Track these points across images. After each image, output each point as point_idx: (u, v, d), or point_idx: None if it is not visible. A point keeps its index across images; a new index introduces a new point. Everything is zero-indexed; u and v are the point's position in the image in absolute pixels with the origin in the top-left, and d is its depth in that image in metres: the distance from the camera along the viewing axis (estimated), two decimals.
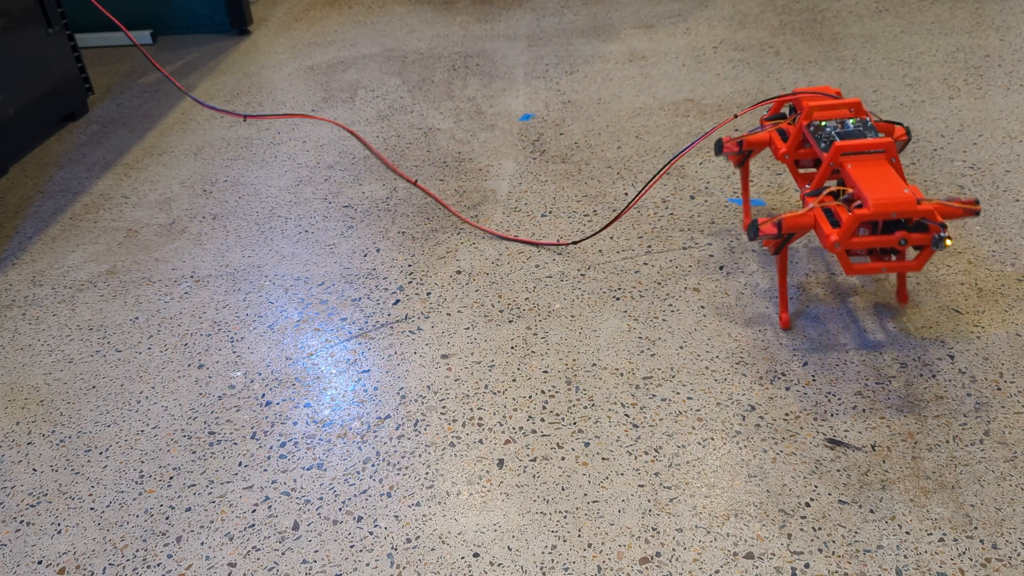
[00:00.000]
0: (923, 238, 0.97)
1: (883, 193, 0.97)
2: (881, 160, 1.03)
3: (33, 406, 1.14)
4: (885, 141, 1.04)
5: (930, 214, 0.96)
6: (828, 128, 1.10)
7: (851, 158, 1.05)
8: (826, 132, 1.10)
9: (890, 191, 0.97)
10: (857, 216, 0.96)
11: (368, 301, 1.30)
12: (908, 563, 0.83)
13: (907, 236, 0.97)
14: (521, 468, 0.97)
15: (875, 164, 1.03)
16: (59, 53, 1.98)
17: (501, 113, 1.91)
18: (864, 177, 1.00)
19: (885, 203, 0.96)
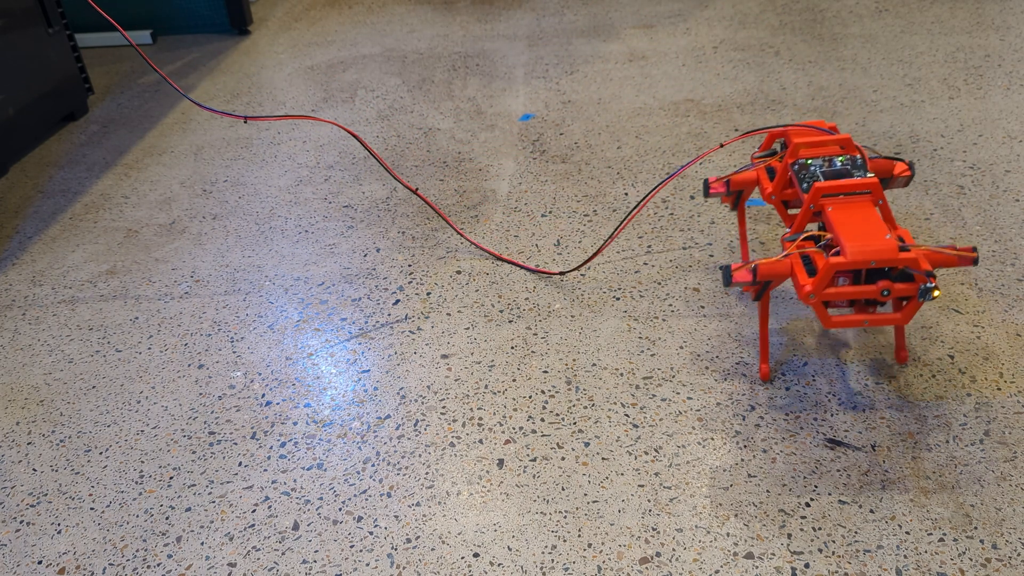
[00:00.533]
0: (908, 288, 0.88)
1: (862, 239, 0.88)
2: (865, 202, 0.95)
3: (33, 406, 1.14)
4: (870, 182, 0.95)
5: (914, 262, 0.87)
6: (813, 167, 1.01)
7: (832, 200, 0.96)
8: (811, 171, 1.01)
9: (870, 237, 0.89)
10: (832, 265, 0.88)
11: (368, 301, 1.30)
12: (908, 563, 0.83)
13: (890, 286, 0.88)
14: (521, 468, 0.97)
15: (858, 207, 0.94)
16: (59, 53, 1.98)
17: (501, 113, 1.91)
18: (843, 221, 0.92)
19: (863, 251, 0.87)
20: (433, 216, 1.51)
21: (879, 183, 0.95)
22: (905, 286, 0.88)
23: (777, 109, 1.81)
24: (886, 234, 0.89)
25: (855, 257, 0.88)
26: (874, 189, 0.95)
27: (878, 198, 0.95)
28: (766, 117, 1.77)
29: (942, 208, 1.40)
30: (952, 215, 1.38)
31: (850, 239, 0.89)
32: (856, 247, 0.88)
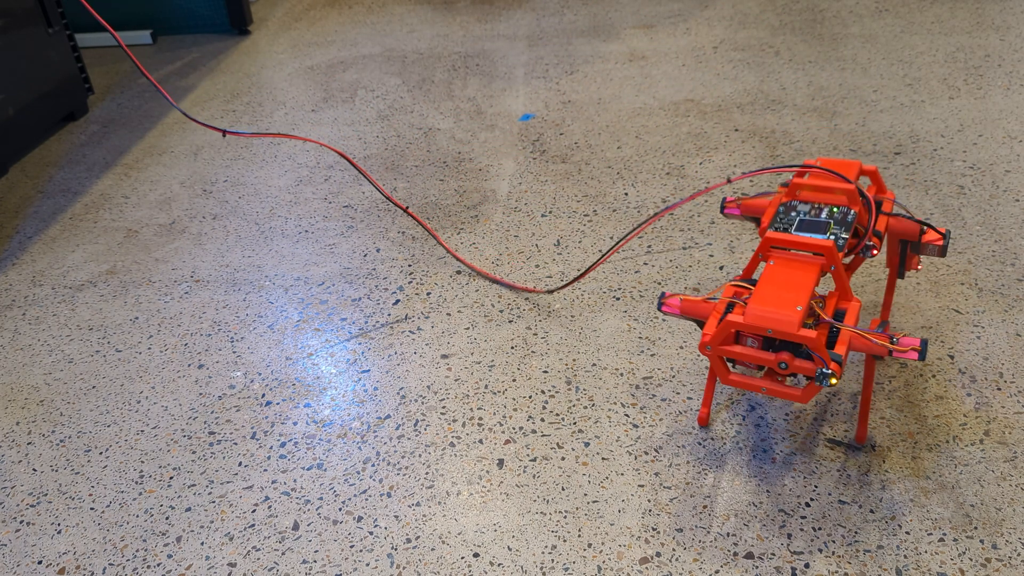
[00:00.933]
0: (807, 368, 0.82)
1: (769, 305, 0.82)
2: (811, 265, 0.87)
3: (33, 406, 1.14)
4: (824, 245, 0.87)
5: (812, 342, 0.80)
6: (796, 213, 0.95)
7: (780, 254, 0.90)
8: (790, 217, 0.95)
9: (780, 304, 0.82)
10: (728, 323, 0.84)
11: (368, 301, 1.30)
12: (908, 563, 0.83)
13: (789, 361, 0.82)
14: (521, 468, 0.97)
15: (799, 268, 0.87)
16: (59, 53, 1.98)
17: (501, 113, 1.91)
18: (771, 280, 0.86)
19: (762, 317, 0.82)
20: (433, 216, 1.51)
21: (834, 248, 0.87)
22: (805, 364, 0.82)
23: (777, 109, 1.81)
24: (798, 305, 0.82)
25: (751, 321, 0.83)
26: (828, 254, 0.87)
27: (830, 264, 0.87)
28: (766, 117, 1.77)
29: (942, 208, 1.40)
30: (952, 215, 1.38)
31: (759, 301, 0.83)
32: (757, 311, 0.82)
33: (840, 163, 1.00)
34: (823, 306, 0.86)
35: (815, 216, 0.94)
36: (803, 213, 0.95)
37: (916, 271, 1.14)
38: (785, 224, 0.94)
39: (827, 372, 0.80)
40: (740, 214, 1.06)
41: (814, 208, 0.95)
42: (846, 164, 0.99)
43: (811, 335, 0.80)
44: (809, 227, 0.93)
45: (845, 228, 0.92)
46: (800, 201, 0.97)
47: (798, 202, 0.97)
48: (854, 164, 0.99)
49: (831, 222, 0.93)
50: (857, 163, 0.99)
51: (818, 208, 0.95)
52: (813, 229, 0.92)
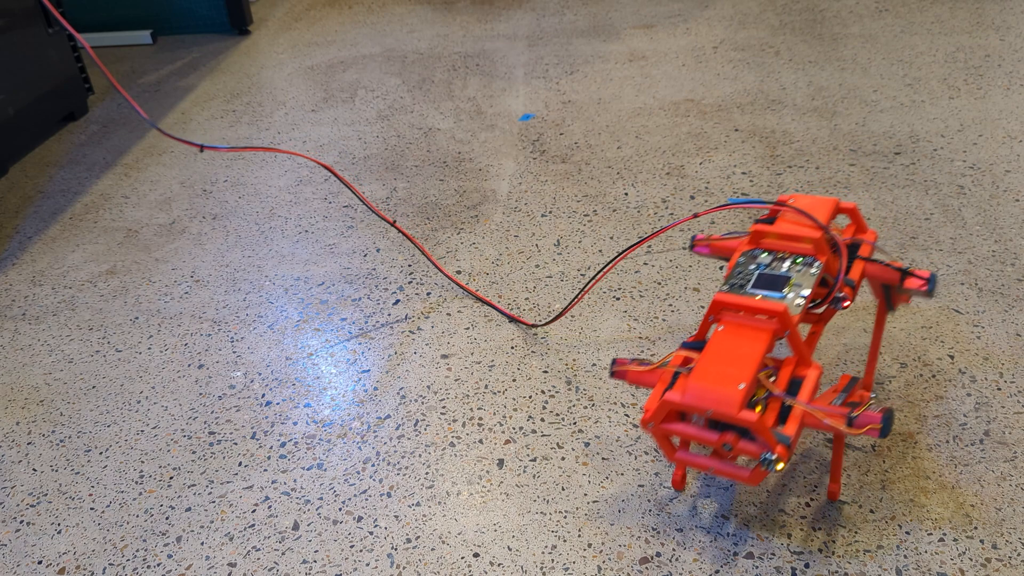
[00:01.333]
0: (751, 451, 0.74)
1: (711, 381, 0.74)
2: (762, 332, 0.78)
3: (33, 406, 1.14)
4: (776, 308, 0.78)
5: (756, 426, 0.72)
6: (756, 265, 0.86)
7: (731, 316, 0.81)
8: (748, 270, 0.86)
9: (722, 381, 0.74)
10: (665, 403, 0.76)
11: (368, 301, 1.30)
12: (908, 563, 0.83)
13: (734, 443, 0.75)
14: (521, 468, 0.97)
15: (748, 335, 0.78)
16: (59, 53, 1.98)
17: (501, 113, 1.91)
18: (715, 350, 0.78)
19: (701, 396, 0.74)
20: (433, 216, 1.51)
21: (786, 313, 0.77)
22: (749, 447, 0.74)
23: (777, 109, 1.81)
24: (741, 382, 0.73)
25: (689, 400, 0.75)
26: (780, 318, 0.78)
27: (784, 330, 0.78)
28: (766, 117, 1.77)
29: (942, 208, 1.40)
30: (952, 215, 1.38)
31: (700, 377, 0.75)
32: (697, 389, 0.75)
33: (815, 201, 0.90)
34: (775, 376, 0.77)
35: (775, 269, 0.85)
36: (763, 265, 0.86)
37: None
38: (742, 279, 0.85)
39: (770, 458, 0.72)
40: (710, 254, 0.99)
41: (776, 259, 0.86)
42: (821, 203, 0.90)
43: (752, 418, 0.72)
44: (767, 282, 0.83)
45: (807, 283, 0.82)
46: (762, 250, 0.88)
47: (760, 251, 0.88)
48: (829, 202, 0.90)
49: (791, 277, 0.83)
50: (833, 201, 0.91)
51: (780, 259, 0.86)
52: (771, 285, 0.83)
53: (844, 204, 0.92)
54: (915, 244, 1.31)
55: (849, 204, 0.92)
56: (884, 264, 0.88)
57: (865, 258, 0.88)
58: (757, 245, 0.89)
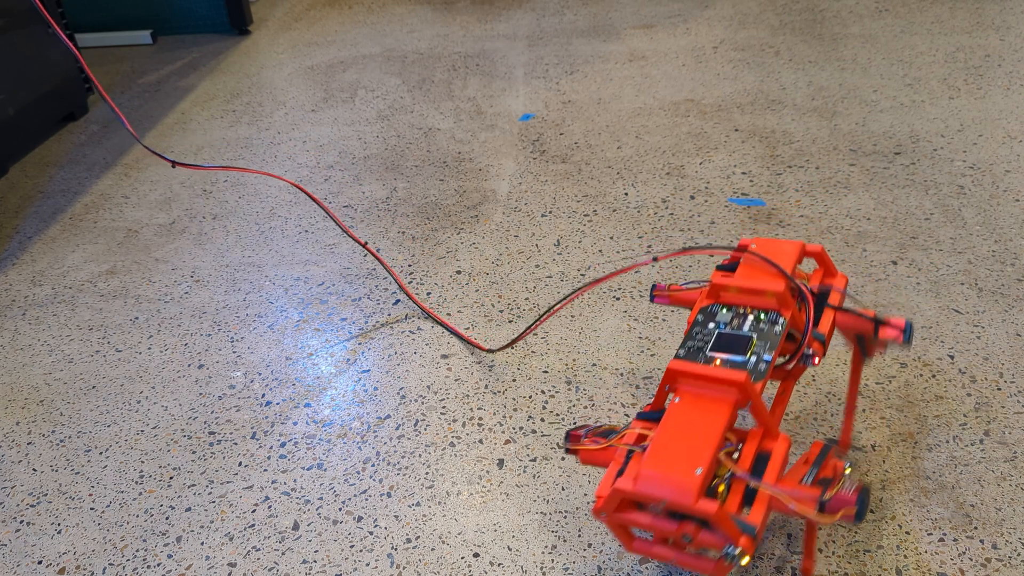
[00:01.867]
0: (713, 543, 0.66)
1: (662, 466, 0.66)
2: (721, 404, 0.70)
3: (33, 406, 1.14)
4: (735, 378, 0.69)
5: (716, 517, 0.64)
6: (715, 323, 0.79)
7: (688, 386, 0.72)
8: (707, 330, 0.78)
9: (677, 465, 0.66)
10: (616, 491, 0.68)
11: (368, 301, 1.30)
12: (908, 563, 0.83)
13: (694, 534, 0.67)
14: (521, 468, 0.97)
15: (707, 409, 0.70)
16: (59, 53, 1.98)
17: (501, 113, 1.91)
18: (670, 428, 0.69)
19: (652, 484, 0.66)
20: (433, 216, 1.51)
21: (747, 384, 0.69)
22: (710, 538, 0.66)
23: (777, 109, 1.81)
24: (698, 467, 0.65)
25: (641, 489, 0.66)
26: (741, 389, 0.69)
27: (746, 400, 0.70)
28: (766, 117, 1.77)
29: (942, 208, 1.40)
30: (952, 215, 1.38)
31: (653, 461, 0.67)
32: (650, 476, 0.66)
33: (778, 245, 0.83)
34: (739, 453, 0.69)
35: (736, 328, 0.78)
36: (723, 324, 0.79)
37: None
38: (700, 340, 0.77)
39: (732, 552, 0.64)
40: (671, 303, 0.91)
41: (737, 316, 0.79)
42: (785, 247, 0.83)
43: (711, 508, 0.64)
44: (728, 344, 0.76)
45: (772, 343, 0.75)
46: (722, 305, 0.81)
47: (719, 306, 0.81)
48: (794, 246, 0.83)
49: (753, 337, 0.76)
50: (798, 245, 0.83)
51: (742, 316, 0.79)
52: (732, 347, 0.76)
53: (810, 247, 0.84)
54: (915, 244, 1.31)
55: (816, 247, 0.84)
56: (856, 314, 0.80)
57: (835, 307, 0.81)
58: (716, 300, 0.81)
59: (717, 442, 0.67)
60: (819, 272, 0.85)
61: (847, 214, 1.41)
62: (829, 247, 1.32)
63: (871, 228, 1.36)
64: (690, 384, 0.72)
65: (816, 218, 1.40)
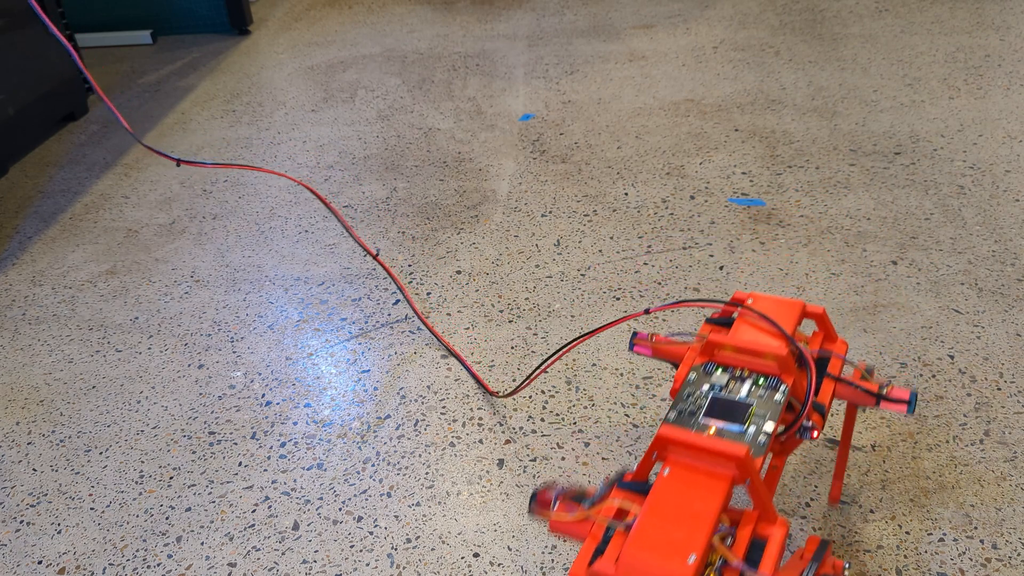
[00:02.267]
0: None
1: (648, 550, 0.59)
2: (716, 481, 0.62)
3: (33, 406, 1.14)
4: (735, 452, 0.61)
5: None
6: (710, 386, 0.72)
7: (679, 456, 0.64)
8: (700, 392, 0.71)
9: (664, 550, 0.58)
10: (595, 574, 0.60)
11: (368, 301, 1.30)
12: (908, 563, 0.83)
13: None
14: (521, 468, 0.97)
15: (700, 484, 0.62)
16: (59, 53, 1.98)
17: (501, 113, 1.91)
18: (659, 505, 0.61)
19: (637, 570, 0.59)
20: (433, 216, 1.51)
21: (748, 459, 0.61)
22: None
23: (777, 109, 1.81)
24: (691, 554, 0.58)
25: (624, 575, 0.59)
26: (740, 465, 0.61)
27: (745, 477, 0.62)
28: (766, 117, 1.77)
29: (942, 208, 1.40)
30: (952, 215, 1.38)
31: (638, 544, 0.59)
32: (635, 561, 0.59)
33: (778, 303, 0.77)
34: (732, 538, 0.61)
35: (733, 392, 0.71)
36: (717, 387, 0.72)
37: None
38: (693, 404, 0.70)
39: None
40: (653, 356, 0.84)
41: (733, 379, 0.72)
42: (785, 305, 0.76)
43: None
44: (724, 411, 0.69)
45: (772, 413, 0.68)
46: (717, 365, 0.74)
47: (714, 366, 0.74)
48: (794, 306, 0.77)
49: (752, 404, 0.69)
50: (799, 304, 0.77)
51: (739, 378, 0.72)
52: (728, 414, 0.69)
53: (812, 308, 0.78)
54: (915, 244, 1.31)
55: (817, 308, 0.78)
56: (858, 388, 0.75)
57: (836, 377, 0.75)
58: (711, 358, 0.74)
59: (712, 524, 0.60)
60: (818, 335, 0.79)
61: (847, 214, 1.41)
62: (829, 247, 1.32)
63: (871, 228, 1.36)
64: (682, 455, 0.64)
65: (816, 218, 1.40)
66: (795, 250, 1.33)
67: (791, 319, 0.76)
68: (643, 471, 0.67)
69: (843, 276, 1.26)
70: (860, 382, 0.75)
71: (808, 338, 0.79)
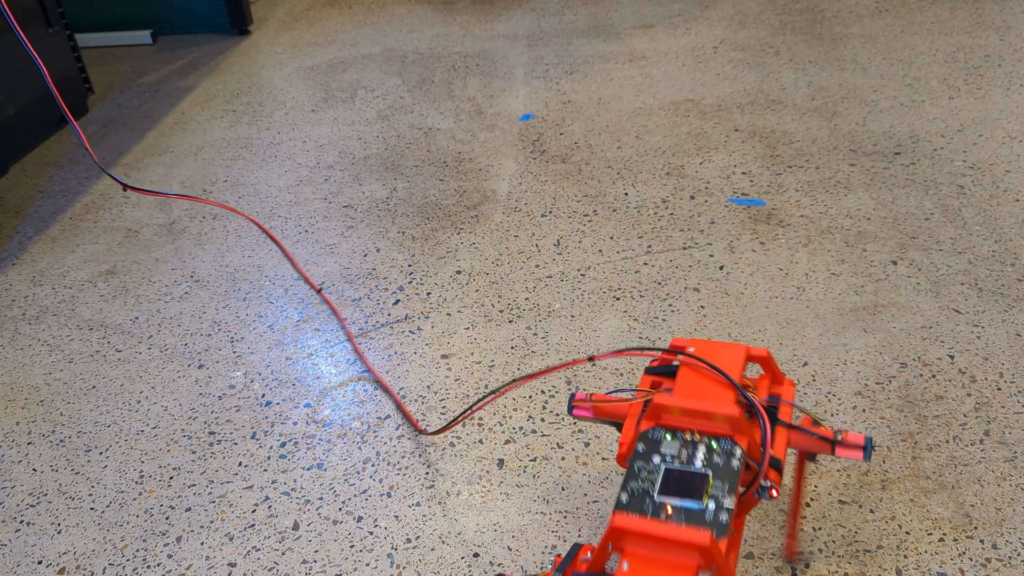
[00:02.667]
0: None
1: None
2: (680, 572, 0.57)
3: (33, 406, 1.14)
4: (698, 540, 0.57)
5: None
6: (660, 457, 0.66)
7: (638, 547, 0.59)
8: (652, 465, 0.65)
9: None
10: None
11: (368, 301, 1.30)
12: (908, 563, 0.83)
13: None
14: (521, 468, 0.97)
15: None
16: (59, 53, 1.98)
17: (501, 113, 1.91)
18: None
19: None
20: (433, 216, 1.51)
21: (713, 544, 0.57)
22: None
23: (777, 109, 1.81)
24: None
25: None
26: (704, 553, 0.57)
27: (710, 565, 0.58)
28: (766, 117, 1.77)
29: (942, 208, 1.40)
30: (952, 215, 1.38)
31: None
32: None
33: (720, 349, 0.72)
34: None
35: (687, 461, 0.65)
36: (669, 458, 0.66)
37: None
38: (645, 480, 0.65)
39: None
40: (594, 418, 0.77)
41: (684, 446, 0.66)
42: (728, 352, 0.71)
43: None
44: (679, 485, 0.63)
45: (731, 483, 0.63)
46: (665, 429, 0.68)
47: (663, 432, 0.68)
48: (738, 351, 0.72)
49: (709, 475, 0.63)
50: (742, 349, 0.73)
51: (691, 444, 0.66)
52: (685, 489, 0.63)
53: (755, 351, 0.73)
54: (915, 244, 1.31)
55: (761, 351, 0.73)
56: (811, 434, 0.70)
57: (789, 425, 0.70)
58: (657, 422, 0.68)
59: None
60: (765, 379, 0.75)
61: (847, 214, 1.41)
62: (829, 247, 1.32)
63: (871, 228, 1.36)
64: (641, 546, 0.59)
65: (816, 218, 1.40)
66: (795, 250, 1.33)
67: (736, 365, 0.71)
68: (598, 563, 0.63)
69: (843, 276, 1.26)
70: (814, 428, 0.70)
71: (755, 381, 0.74)
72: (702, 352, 0.72)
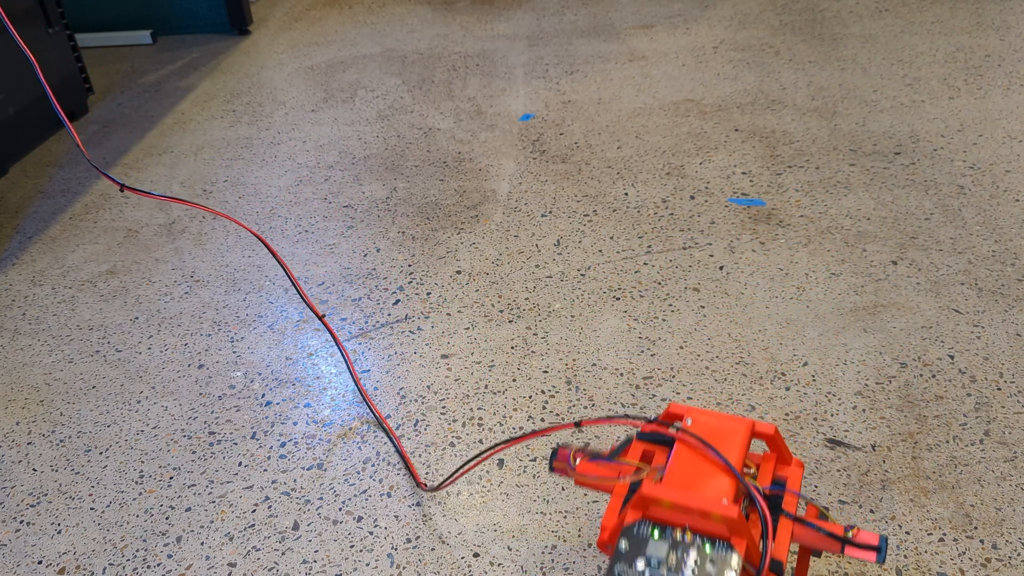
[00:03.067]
0: None
1: None
2: None
3: (33, 406, 1.14)
4: None
5: None
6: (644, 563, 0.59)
7: None
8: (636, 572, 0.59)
9: None
10: None
11: (368, 301, 1.30)
12: (908, 563, 0.83)
13: None
14: (521, 468, 0.97)
15: None
16: (59, 53, 1.98)
17: (501, 113, 1.91)
18: None
19: None
20: (433, 216, 1.51)
21: None
22: None
23: (777, 109, 1.81)
24: None
25: None
26: None
27: None
28: (766, 117, 1.77)
29: (942, 208, 1.40)
30: (952, 215, 1.38)
31: None
32: None
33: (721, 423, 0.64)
34: None
35: (675, 569, 0.58)
36: (655, 563, 0.58)
37: None
38: None
39: None
40: (579, 485, 0.71)
41: (673, 548, 0.59)
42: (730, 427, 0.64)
43: None
44: None
45: None
46: (653, 524, 0.61)
47: (650, 527, 0.61)
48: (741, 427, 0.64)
49: None
50: (747, 424, 0.65)
51: (681, 547, 0.59)
52: None
53: (761, 427, 0.65)
54: (915, 244, 1.31)
55: (768, 427, 0.65)
56: (820, 531, 0.63)
57: (794, 517, 0.63)
58: (645, 514, 0.61)
59: None
60: (770, 458, 0.67)
61: (847, 214, 1.41)
62: (829, 247, 1.32)
63: (871, 228, 1.36)
64: None
65: (816, 218, 1.40)
66: (795, 250, 1.33)
67: (738, 445, 0.63)
68: None
69: (843, 276, 1.26)
70: (821, 523, 0.63)
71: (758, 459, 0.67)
72: (701, 425, 0.65)
